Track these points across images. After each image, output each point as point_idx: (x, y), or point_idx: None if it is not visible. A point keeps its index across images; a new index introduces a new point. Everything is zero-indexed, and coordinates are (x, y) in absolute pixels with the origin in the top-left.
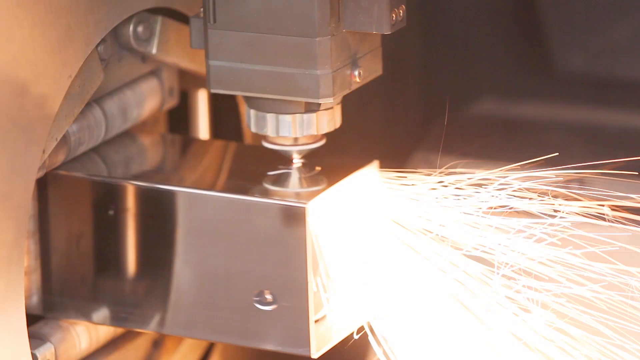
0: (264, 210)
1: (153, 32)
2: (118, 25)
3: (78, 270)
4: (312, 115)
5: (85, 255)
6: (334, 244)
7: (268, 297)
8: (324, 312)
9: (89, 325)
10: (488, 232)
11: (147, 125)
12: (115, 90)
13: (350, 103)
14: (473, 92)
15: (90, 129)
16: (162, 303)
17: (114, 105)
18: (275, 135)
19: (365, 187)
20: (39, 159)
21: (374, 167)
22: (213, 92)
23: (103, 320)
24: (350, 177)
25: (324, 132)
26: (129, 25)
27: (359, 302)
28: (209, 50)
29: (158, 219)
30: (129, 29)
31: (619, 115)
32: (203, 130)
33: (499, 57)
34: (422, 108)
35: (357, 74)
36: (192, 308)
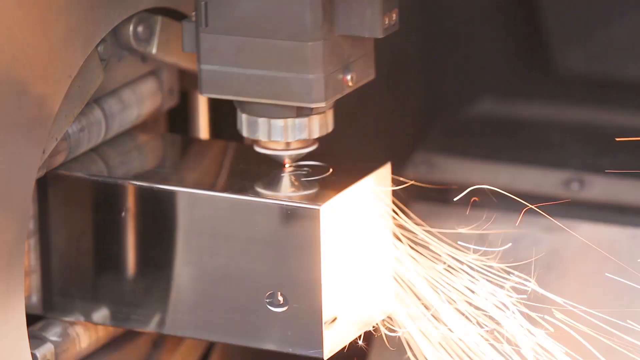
0: (276, 212)
1: (153, 32)
2: (118, 25)
3: (78, 270)
4: (304, 120)
5: (85, 255)
6: (346, 246)
7: (280, 298)
8: (335, 313)
9: (89, 325)
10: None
11: (147, 125)
12: (115, 90)
13: (350, 103)
14: (473, 92)
15: (90, 129)
16: (164, 303)
17: (114, 105)
18: (267, 140)
19: (378, 189)
20: (39, 159)
21: (387, 169)
22: (204, 96)
23: (103, 320)
24: (365, 179)
25: (316, 136)
26: (129, 25)
27: (369, 303)
28: (201, 54)
29: (158, 219)
30: (129, 29)
31: (619, 115)
32: (203, 130)
33: (499, 57)
34: (422, 108)
35: (349, 78)
36: (197, 308)
